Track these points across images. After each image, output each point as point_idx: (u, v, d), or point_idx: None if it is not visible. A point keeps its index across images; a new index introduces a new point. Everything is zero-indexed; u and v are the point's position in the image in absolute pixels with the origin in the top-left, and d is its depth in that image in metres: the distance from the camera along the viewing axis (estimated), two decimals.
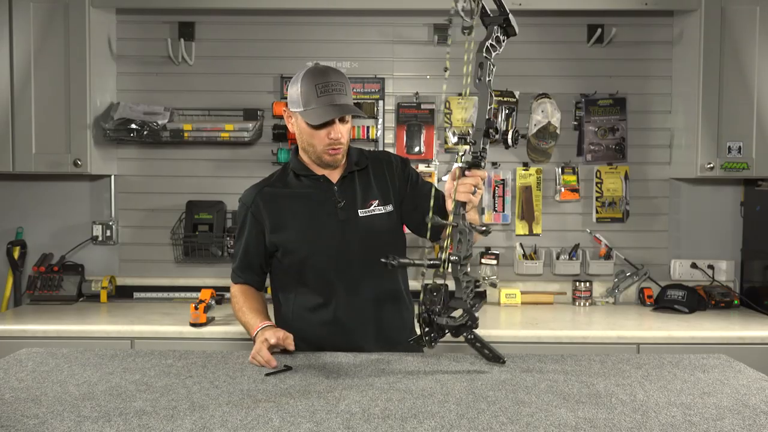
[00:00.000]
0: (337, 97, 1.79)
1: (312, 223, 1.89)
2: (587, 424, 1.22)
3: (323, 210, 1.89)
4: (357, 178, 1.94)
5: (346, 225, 1.88)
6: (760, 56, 2.82)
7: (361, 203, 1.91)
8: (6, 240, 3.14)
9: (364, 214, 1.90)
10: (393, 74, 3.17)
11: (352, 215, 1.89)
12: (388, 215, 1.92)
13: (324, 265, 1.88)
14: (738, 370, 1.60)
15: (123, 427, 1.20)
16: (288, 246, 1.89)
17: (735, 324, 2.71)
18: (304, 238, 1.88)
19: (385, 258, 1.54)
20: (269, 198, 1.93)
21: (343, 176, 1.92)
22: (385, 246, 1.88)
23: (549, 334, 2.56)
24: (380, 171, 1.96)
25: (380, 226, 1.90)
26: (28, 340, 2.51)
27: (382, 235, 1.90)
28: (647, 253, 3.18)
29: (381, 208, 1.92)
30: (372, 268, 1.85)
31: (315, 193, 1.91)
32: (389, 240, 1.92)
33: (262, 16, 3.15)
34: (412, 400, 1.35)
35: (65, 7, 2.84)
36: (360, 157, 1.97)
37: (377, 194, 1.93)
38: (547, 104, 3.00)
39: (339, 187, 1.91)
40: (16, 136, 2.85)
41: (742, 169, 2.84)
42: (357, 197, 1.91)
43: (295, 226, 1.89)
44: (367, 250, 1.87)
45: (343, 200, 1.89)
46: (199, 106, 3.15)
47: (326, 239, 1.87)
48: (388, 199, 1.93)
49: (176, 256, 3.16)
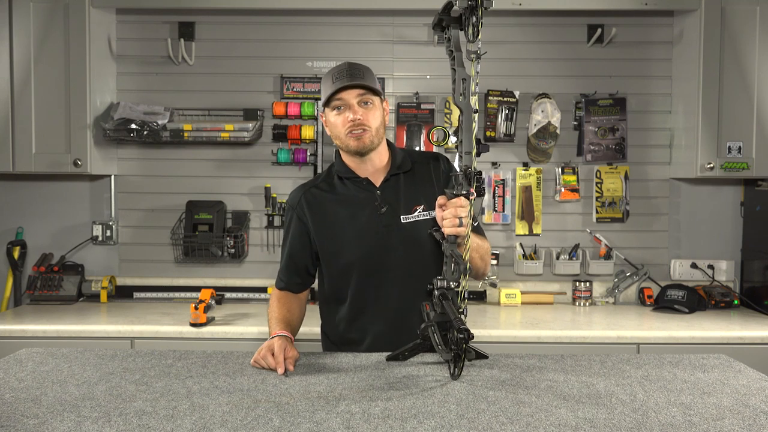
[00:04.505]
0: (352, 78, 1.77)
1: (353, 230, 1.83)
2: (587, 424, 1.22)
3: (365, 216, 1.83)
4: (402, 180, 1.87)
5: (389, 232, 1.82)
6: (760, 56, 2.82)
7: (405, 208, 1.84)
8: (6, 240, 3.14)
9: (407, 220, 1.83)
10: (393, 74, 3.17)
11: (395, 221, 1.82)
12: (434, 221, 1.79)
13: (363, 275, 1.83)
14: (738, 370, 1.60)
15: (123, 427, 1.20)
16: (327, 252, 1.85)
17: (735, 324, 2.71)
18: (343, 245, 1.83)
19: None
20: (313, 200, 1.88)
21: (386, 179, 1.86)
22: (429, 254, 1.82)
23: (549, 334, 2.56)
24: (426, 173, 1.89)
25: (424, 232, 1.80)
26: (28, 340, 2.52)
27: (425, 240, 1.81)
28: (647, 253, 3.18)
29: (426, 213, 1.84)
30: (412, 278, 1.81)
31: (358, 197, 1.85)
32: (434, 248, 1.82)
33: (262, 16, 3.15)
34: (412, 400, 1.35)
35: (65, 7, 2.84)
36: (405, 158, 1.90)
37: (422, 198, 1.85)
38: (547, 104, 3.00)
39: (382, 191, 1.85)
40: (16, 136, 2.85)
41: (742, 169, 2.84)
42: (400, 202, 1.84)
43: (336, 231, 1.84)
44: (408, 259, 1.82)
45: (386, 205, 1.83)
46: (199, 106, 3.15)
47: (367, 247, 1.82)
48: (432, 205, 1.79)
49: (176, 256, 3.16)
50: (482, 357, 1.66)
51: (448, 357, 1.51)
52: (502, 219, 3.14)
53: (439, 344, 1.53)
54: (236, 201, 3.16)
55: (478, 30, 1.43)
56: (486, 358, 1.67)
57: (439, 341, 1.54)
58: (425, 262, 1.83)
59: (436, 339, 1.54)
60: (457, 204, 1.52)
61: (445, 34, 1.54)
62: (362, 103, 1.80)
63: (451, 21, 1.49)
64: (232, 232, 3.07)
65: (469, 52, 1.46)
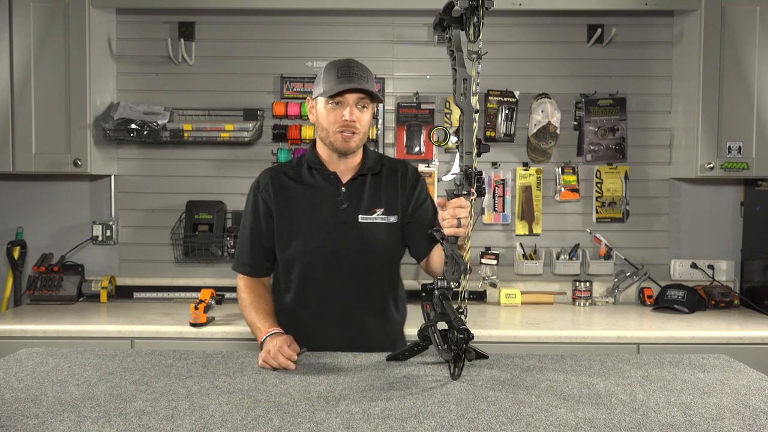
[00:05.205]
0: (357, 80, 1.79)
1: (311, 219, 1.87)
2: (587, 424, 1.22)
3: (325, 209, 1.87)
4: (368, 181, 1.91)
5: (345, 228, 1.86)
6: (760, 56, 2.82)
7: (365, 209, 1.88)
8: (6, 240, 3.14)
9: (365, 220, 1.87)
10: (393, 74, 3.17)
11: (353, 219, 1.87)
12: (391, 226, 1.89)
13: (314, 264, 1.86)
14: (738, 370, 1.60)
15: (123, 427, 1.20)
16: (283, 237, 1.88)
17: (735, 324, 2.71)
18: (298, 232, 1.87)
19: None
20: (279, 184, 1.91)
21: (353, 177, 1.90)
22: (380, 255, 1.88)
23: (549, 334, 2.56)
24: (393, 180, 1.93)
25: (380, 234, 1.87)
26: (28, 340, 2.52)
27: (379, 243, 1.87)
28: (647, 253, 3.18)
29: (384, 217, 1.88)
30: (361, 275, 1.85)
31: (322, 189, 1.89)
32: (386, 250, 1.89)
33: (262, 16, 3.15)
34: (412, 400, 1.35)
35: (65, 7, 2.84)
36: (376, 162, 1.94)
37: (384, 202, 1.89)
38: (547, 104, 3.00)
39: (347, 188, 1.89)
40: (16, 136, 2.85)
41: (742, 169, 2.84)
42: (362, 202, 1.88)
43: (294, 218, 1.88)
44: (361, 257, 1.86)
45: (348, 202, 1.87)
46: (199, 106, 3.15)
47: (321, 239, 1.85)
48: (394, 210, 1.90)
49: (176, 256, 3.16)
50: (482, 357, 1.66)
51: (448, 357, 1.51)
52: (502, 219, 3.14)
53: (439, 344, 1.54)
54: (236, 201, 3.16)
55: (479, 30, 1.43)
56: (486, 358, 1.67)
57: (439, 341, 1.54)
58: (375, 265, 1.89)
59: (436, 339, 1.54)
60: (456, 204, 1.53)
61: (446, 34, 1.54)
62: (359, 106, 1.82)
63: (452, 21, 1.50)
64: (232, 232, 3.07)
65: (470, 52, 1.46)
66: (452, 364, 1.50)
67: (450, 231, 1.53)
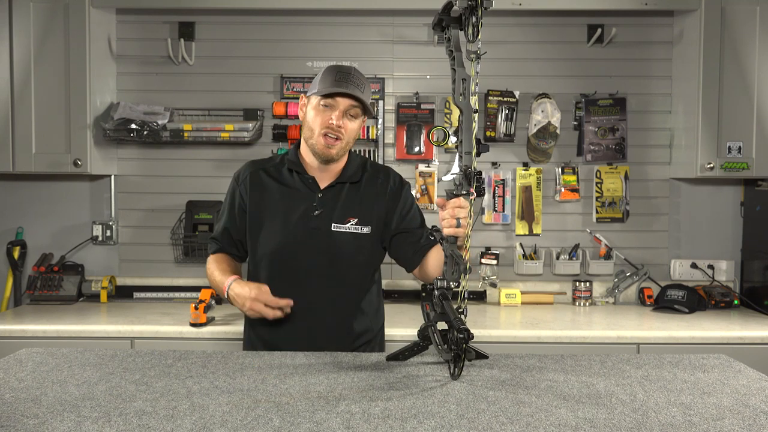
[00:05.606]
0: (353, 88, 1.79)
1: (281, 221, 1.86)
2: (587, 424, 1.22)
3: (298, 212, 1.86)
4: (346, 190, 1.89)
5: (316, 234, 1.85)
6: (760, 56, 2.82)
7: (339, 217, 1.86)
8: (6, 240, 3.14)
9: (337, 229, 1.86)
10: (393, 74, 3.17)
11: (325, 227, 1.85)
12: (363, 236, 1.87)
13: (282, 265, 1.86)
14: (738, 370, 1.60)
15: (123, 427, 1.20)
16: (252, 234, 1.89)
17: (735, 324, 2.71)
18: (268, 232, 1.86)
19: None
20: (258, 181, 1.91)
21: (331, 185, 1.89)
22: (351, 265, 1.87)
23: (549, 334, 2.56)
24: (372, 189, 1.92)
25: (351, 244, 1.86)
26: (28, 340, 2.52)
27: (349, 253, 1.86)
28: (647, 253, 3.18)
29: (357, 227, 1.87)
30: (328, 282, 1.84)
31: (299, 192, 1.88)
32: (357, 260, 1.88)
33: (262, 16, 3.16)
34: (412, 400, 1.35)
35: (65, 7, 2.84)
36: (357, 170, 1.92)
37: (358, 212, 1.88)
38: (547, 104, 3.00)
39: (323, 194, 1.88)
40: (16, 136, 2.86)
41: (742, 169, 2.84)
42: (336, 210, 1.87)
43: (266, 217, 1.88)
44: (329, 264, 1.85)
45: (321, 209, 1.86)
46: (199, 106, 3.15)
47: (289, 242, 1.85)
48: (368, 220, 1.88)
49: (176, 256, 3.16)
50: (482, 357, 1.66)
51: (448, 357, 1.51)
52: (502, 219, 3.15)
53: (439, 344, 1.53)
54: None
55: (478, 30, 1.43)
56: (486, 358, 1.67)
57: (439, 341, 1.54)
58: (344, 275, 1.87)
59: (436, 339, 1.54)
60: (456, 204, 1.52)
61: (445, 34, 1.54)
62: (349, 114, 1.83)
63: (451, 21, 1.49)
64: None
65: (469, 52, 1.46)
66: (452, 364, 1.50)
67: (449, 231, 1.53)
